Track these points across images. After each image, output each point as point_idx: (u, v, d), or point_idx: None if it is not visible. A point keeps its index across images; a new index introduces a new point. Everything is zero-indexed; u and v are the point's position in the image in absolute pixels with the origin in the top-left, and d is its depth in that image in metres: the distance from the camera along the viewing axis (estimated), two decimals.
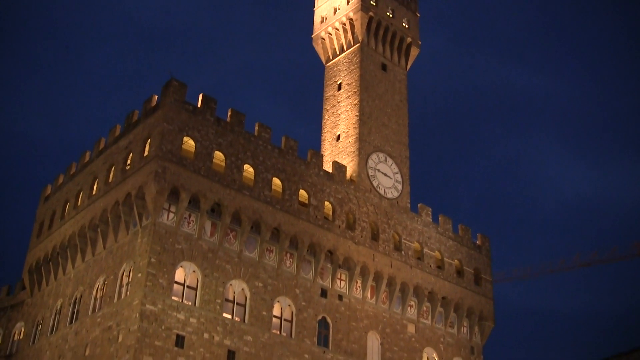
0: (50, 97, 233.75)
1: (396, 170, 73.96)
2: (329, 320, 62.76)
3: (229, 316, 56.34)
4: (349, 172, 70.03)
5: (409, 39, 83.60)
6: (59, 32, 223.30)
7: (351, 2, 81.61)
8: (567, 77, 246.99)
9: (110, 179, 61.33)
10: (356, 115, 74.73)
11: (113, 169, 61.36)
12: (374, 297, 66.80)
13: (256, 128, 62.27)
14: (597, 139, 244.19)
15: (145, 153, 56.90)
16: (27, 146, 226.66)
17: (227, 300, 56.78)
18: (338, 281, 64.48)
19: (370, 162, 71.86)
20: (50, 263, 66.84)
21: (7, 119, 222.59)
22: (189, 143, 57.28)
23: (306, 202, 63.46)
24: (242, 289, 57.91)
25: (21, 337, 68.62)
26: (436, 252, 72.98)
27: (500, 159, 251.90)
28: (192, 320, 53.74)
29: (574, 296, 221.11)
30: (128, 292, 54.31)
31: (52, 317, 64.30)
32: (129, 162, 59.28)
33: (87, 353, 56.23)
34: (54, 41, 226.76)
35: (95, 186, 63.67)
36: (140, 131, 58.99)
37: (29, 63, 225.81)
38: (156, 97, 59.31)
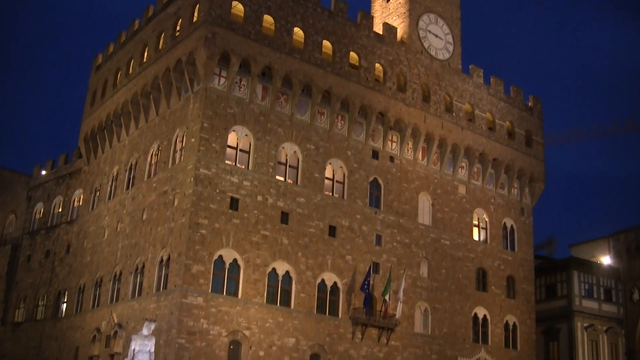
0: None
1: (447, 31, 72.44)
2: (380, 181, 63.28)
3: (282, 178, 57.07)
4: (400, 33, 68.93)
5: None
6: None
7: None
8: None
9: (160, 46, 61.24)
10: None
11: (163, 35, 61.13)
12: (425, 158, 66.95)
13: None
14: None
15: (195, 19, 56.45)
16: (77, 16, 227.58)
17: (279, 163, 57.35)
18: (389, 143, 64.61)
19: (421, 23, 70.36)
20: (105, 131, 67.89)
21: None
22: (237, 7, 56.54)
23: (357, 64, 62.88)
24: (294, 152, 58.40)
25: (80, 203, 70.60)
26: (487, 113, 72.37)
27: (553, 21, 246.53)
28: (245, 183, 54.56)
29: (625, 160, 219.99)
30: (182, 157, 55.14)
31: (109, 183, 65.84)
32: (178, 28, 58.94)
33: (144, 217, 57.78)
34: None
35: (145, 54, 63.70)
36: None
37: None
38: None
